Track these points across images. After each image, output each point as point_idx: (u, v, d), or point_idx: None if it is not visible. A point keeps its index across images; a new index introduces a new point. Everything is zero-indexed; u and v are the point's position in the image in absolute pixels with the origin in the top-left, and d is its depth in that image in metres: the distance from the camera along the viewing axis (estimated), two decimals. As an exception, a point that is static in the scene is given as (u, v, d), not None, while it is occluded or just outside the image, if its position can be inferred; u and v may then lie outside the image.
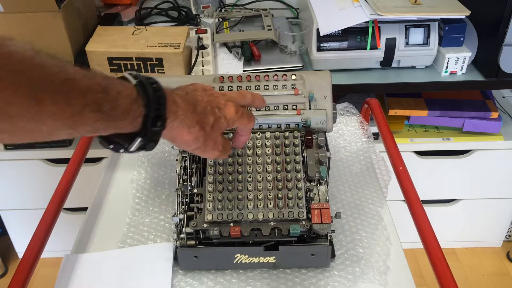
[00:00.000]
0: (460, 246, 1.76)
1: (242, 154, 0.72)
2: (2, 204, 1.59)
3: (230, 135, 0.71)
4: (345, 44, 1.22)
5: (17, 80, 0.38)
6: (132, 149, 0.52)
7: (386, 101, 1.46)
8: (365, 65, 1.26)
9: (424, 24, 1.20)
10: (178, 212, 0.68)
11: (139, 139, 0.51)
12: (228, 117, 0.60)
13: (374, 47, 1.21)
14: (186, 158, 0.73)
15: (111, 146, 0.53)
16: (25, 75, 0.39)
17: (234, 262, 0.68)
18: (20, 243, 1.70)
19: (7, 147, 1.44)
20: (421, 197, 0.76)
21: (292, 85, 0.76)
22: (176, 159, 0.75)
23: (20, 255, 1.74)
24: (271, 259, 0.68)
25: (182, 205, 0.68)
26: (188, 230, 0.66)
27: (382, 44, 1.21)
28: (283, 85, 0.76)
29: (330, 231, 0.65)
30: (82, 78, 0.44)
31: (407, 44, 1.21)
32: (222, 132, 0.61)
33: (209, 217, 0.65)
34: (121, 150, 0.52)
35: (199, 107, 0.57)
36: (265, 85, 0.76)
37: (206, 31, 1.36)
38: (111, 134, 0.50)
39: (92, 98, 0.44)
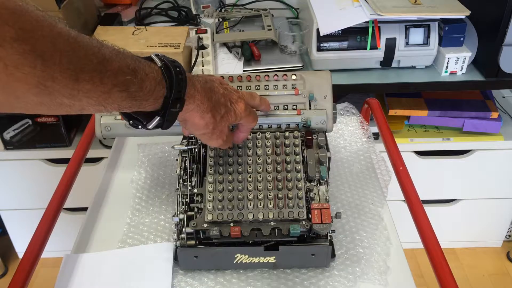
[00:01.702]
0: (460, 246, 1.76)
1: (242, 154, 0.72)
2: (2, 204, 1.59)
3: None
4: (345, 44, 1.21)
5: (64, 59, 0.40)
6: (150, 127, 0.55)
7: (386, 101, 1.46)
8: (365, 65, 1.26)
9: (424, 24, 1.20)
10: (178, 212, 0.68)
11: (158, 118, 0.54)
12: (237, 112, 0.63)
13: (374, 47, 1.21)
14: (186, 158, 0.73)
15: (131, 122, 0.56)
16: (70, 54, 0.41)
17: (234, 262, 0.68)
18: (20, 243, 1.70)
19: (7, 147, 1.44)
20: (421, 197, 0.76)
21: (292, 85, 0.76)
22: (176, 159, 0.75)
23: (20, 255, 1.74)
24: (271, 259, 0.68)
25: (182, 205, 0.68)
26: (188, 230, 0.66)
27: (382, 44, 1.21)
28: (283, 85, 0.76)
29: (330, 231, 0.65)
30: (116, 59, 0.46)
31: (407, 44, 1.21)
32: (229, 124, 0.64)
33: (209, 217, 0.65)
34: (140, 127, 0.56)
35: (214, 96, 0.60)
36: (265, 85, 0.76)
37: (206, 31, 1.36)
38: (132, 111, 0.53)
39: (122, 79, 0.46)
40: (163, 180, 0.88)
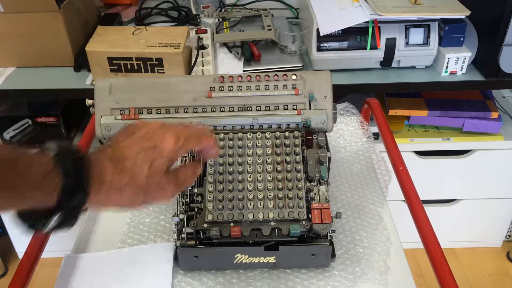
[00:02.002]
0: (460, 246, 1.76)
1: (242, 154, 0.72)
2: (2, 204, 1.59)
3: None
4: (345, 44, 1.21)
5: None
6: (48, 227, 0.46)
7: (386, 101, 1.46)
8: (365, 65, 1.26)
9: (424, 24, 1.20)
10: (179, 212, 0.68)
11: (57, 215, 0.46)
12: (165, 153, 0.53)
13: (374, 47, 1.21)
14: (186, 158, 0.73)
15: (28, 224, 0.47)
16: None
17: (235, 262, 0.68)
18: (20, 243, 1.70)
19: (7, 147, 1.44)
20: (421, 197, 0.76)
21: (292, 85, 0.76)
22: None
23: (20, 255, 1.74)
24: (272, 259, 0.68)
25: (182, 205, 0.68)
26: (189, 230, 0.66)
27: (382, 44, 1.21)
28: (283, 85, 0.76)
29: (330, 231, 0.65)
30: None
31: (407, 44, 1.21)
32: (165, 170, 0.54)
33: (209, 217, 0.65)
34: (39, 228, 0.47)
35: (128, 162, 0.51)
36: (265, 85, 0.76)
37: (206, 31, 1.36)
38: (29, 210, 0.45)
39: None
40: (163, 180, 0.87)
